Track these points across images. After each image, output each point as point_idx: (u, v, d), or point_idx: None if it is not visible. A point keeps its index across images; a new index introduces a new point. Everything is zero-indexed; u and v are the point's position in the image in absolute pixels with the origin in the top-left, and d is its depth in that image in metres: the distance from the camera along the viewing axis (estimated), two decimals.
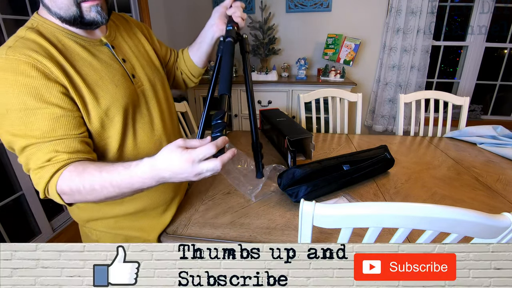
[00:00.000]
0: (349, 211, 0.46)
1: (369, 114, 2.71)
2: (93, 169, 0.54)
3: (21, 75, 0.51)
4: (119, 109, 0.64)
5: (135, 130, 0.69)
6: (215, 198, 0.90)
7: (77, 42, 0.61)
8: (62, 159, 0.54)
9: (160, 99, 0.77)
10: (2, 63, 0.52)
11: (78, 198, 0.55)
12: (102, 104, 0.61)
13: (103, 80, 0.62)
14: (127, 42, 0.73)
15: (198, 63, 0.89)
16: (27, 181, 1.46)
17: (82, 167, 0.54)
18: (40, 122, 0.53)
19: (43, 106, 0.53)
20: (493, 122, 2.50)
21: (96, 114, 0.60)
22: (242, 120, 2.49)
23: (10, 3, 1.44)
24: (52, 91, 0.54)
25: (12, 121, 0.52)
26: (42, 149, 0.53)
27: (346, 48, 2.33)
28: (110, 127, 0.64)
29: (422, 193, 0.93)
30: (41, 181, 0.54)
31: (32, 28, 0.58)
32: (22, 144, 0.53)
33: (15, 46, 0.53)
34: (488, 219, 0.43)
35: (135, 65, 0.71)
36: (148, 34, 0.83)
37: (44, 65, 0.53)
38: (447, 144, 1.38)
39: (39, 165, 0.54)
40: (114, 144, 0.65)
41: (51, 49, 0.56)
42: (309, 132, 1.14)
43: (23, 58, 0.52)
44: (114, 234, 0.75)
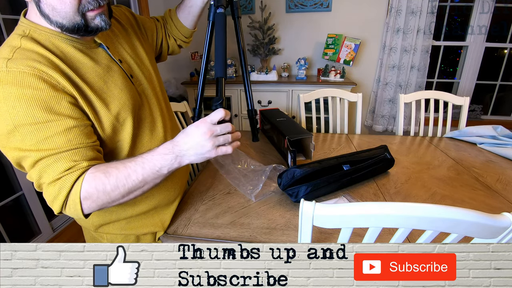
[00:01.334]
0: (349, 211, 0.46)
1: (369, 114, 2.71)
2: (115, 163, 0.56)
3: (28, 88, 0.49)
4: (128, 112, 0.64)
5: (141, 130, 0.70)
6: (215, 198, 0.90)
7: (74, 46, 0.59)
8: (82, 167, 0.53)
9: (159, 97, 0.78)
10: (4, 77, 0.49)
11: (103, 198, 0.54)
12: (112, 110, 0.61)
13: (107, 85, 0.62)
14: (119, 42, 0.72)
15: (190, 26, 0.91)
16: (27, 181, 1.46)
17: (104, 165, 0.56)
18: (53, 134, 0.51)
19: (54, 118, 0.51)
20: (493, 122, 2.50)
21: (108, 120, 0.60)
22: (242, 120, 2.49)
23: (10, 3, 1.44)
24: (62, 102, 0.52)
25: (22, 136, 0.50)
26: (60, 160, 0.52)
27: (346, 48, 2.33)
28: (122, 131, 0.64)
29: (422, 193, 0.93)
30: (62, 191, 0.52)
31: (26, 36, 0.54)
32: (34, 158, 0.51)
33: (15, 58, 0.51)
34: (488, 219, 0.43)
35: (131, 64, 0.71)
36: (136, 27, 0.80)
37: (51, 76, 0.52)
38: (447, 144, 1.38)
39: (56, 177, 0.52)
40: (125, 146, 0.66)
41: (53, 58, 0.54)
42: (309, 132, 1.14)
43: (28, 70, 0.50)
44: (125, 235, 0.76)
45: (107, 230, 0.74)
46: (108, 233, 0.75)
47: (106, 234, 0.75)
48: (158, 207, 0.77)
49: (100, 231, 0.74)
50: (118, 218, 0.72)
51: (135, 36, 0.77)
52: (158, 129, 0.75)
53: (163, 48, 0.92)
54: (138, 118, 0.68)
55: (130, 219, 0.74)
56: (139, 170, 0.55)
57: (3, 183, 1.39)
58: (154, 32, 0.88)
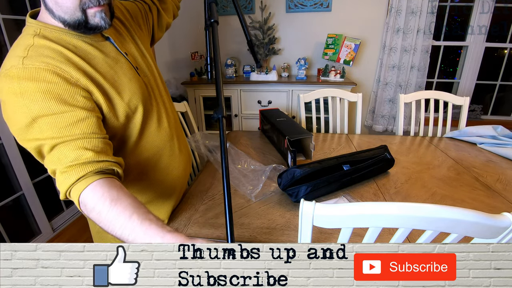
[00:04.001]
0: (349, 211, 0.46)
1: (369, 114, 2.71)
2: (126, 204, 0.51)
3: (43, 82, 0.52)
4: (138, 100, 0.67)
5: (149, 119, 0.73)
6: (215, 198, 0.90)
7: (84, 40, 0.62)
8: (89, 158, 0.54)
9: (161, 90, 0.80)
10: (21, 73, 0.52)
11: (93, 215, 0.53)
12: (125, 98, 0.64)
13: (118, 75, 0.65)
14: (123, 37, 0.73)
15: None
16: (27, 181, 1.46)
17: (117, 190, 0.52)
18: (68, 124, 0.54)
19: (68, 109, 0.54)
20: (493, 122, 2.50)
21: (121, 107, 0.64)
22: (242, 120, 2.49)
23: (10, 3, 1.44)
24: (75, 95, 0.55)
25: (40, 127, 0.53)
26: (70, 146, 0.54)
27: (346, 48, 2.33)
28: (133, 118, 0.68)
29: (422, 193, 0.93)
30: (66, 182, 0.53)
31: (38, 34, 0.57)
32: (50, 144, 0.54)
33: (30, 56, 0.54)
34: (488, 219, 0.43)
35: (136, 57, 0.73)
36: (132, 21, 0.80)
37: (64, 70, 0.55)
38: (447, 144, 1.38)
39: (67, 164, 0.53)
40: (135, 133, 0.69)
41: (66, 52, 0.57)
42: (309, 132, 1.14)
43: (42, 65, 0.53)
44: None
45: None
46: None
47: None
48: (158, 199, 0.80)
49: None
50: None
51: (133, 31, 0.79)
52: (163, 119, 0.77)
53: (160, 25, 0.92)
54: (146, 108, 0.71)
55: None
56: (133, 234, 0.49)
57: (3, 183, 1.39)
58: (148, 10, 0.87)
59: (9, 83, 0.52)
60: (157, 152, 0.76)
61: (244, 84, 2.39)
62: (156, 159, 0.77)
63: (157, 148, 0.76)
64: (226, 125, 2.58)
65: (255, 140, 1.42)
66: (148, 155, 0.74)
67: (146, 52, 0.79)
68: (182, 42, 2.71)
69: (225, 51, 2.68)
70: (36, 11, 0.62)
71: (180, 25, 2.65)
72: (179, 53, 2.75)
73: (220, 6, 2.55)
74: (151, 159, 0.75)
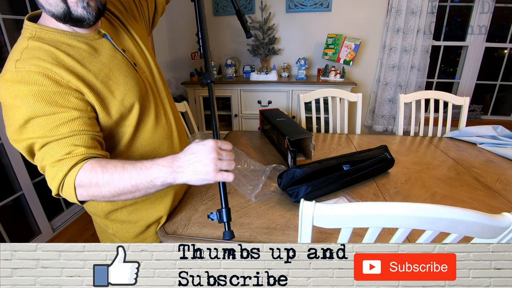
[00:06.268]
0: (349, 211, 0.46)
1: (369, 114, 2.71)
2: (116, 161, 0.57)
3: (34, 84, 0.54)
4: (134, 98, 0.67)
5: (146, 116, 0.73)
6: (215, 198, 0.90)
7: (80, 40, 0.62)
8: (80, 153, 0.56)
9: (159, 86, 0.80)
10: (13, 77, 0.54)
11: (93, 190, 0.56)
12: (117, 96, 0.64)
13: (113, 73, 0.65)
14: (120, 33, 0.73)
15: None
16: (27, 181, 1.46)
17: (105, 160, 0.58)
18: (59, 124, 0.55)
19: (60, 110, 0.56)
20: (493, 122, 2.50)
21: (115, 106, 0.64)
22: (242, 120, 2.49)
23: (10, 3, 1.44)
24: (66, 96, 0.57)
25: (33, 128, 0.55)
26: (61, 143, 0.55)
27: (346, 48, 2.33)
28: (129, 116, 0.68)
29: (422, 193, 0.93)
30: (59, 174, 0.55)
31: (33, 37, 0.59)
32: (41, 142, 0.55)
33: (22, 59, 0.55)
34: (488, 219, 0.43)
35: (133, 53, 0.74)
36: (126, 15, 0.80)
37: (55, 72, 0.56)
38: (447, 144, 1.38)
39: (57, 159, 0.55)
40: (129, 131, 0.69)
41: (58, 53, 0.58)
42: (309, 132, 1.14)
43: (33, 68, 0.54)
44: (133, 223, 0.78)
45: (115, 217, 0.77)
46: (116, 220, 0.78)
47: (112, 223, 0.78)
48: (155, 195, 0.79)
49: (109, 218, 0.77)
50: (125, 204, 0.76)
51: (128, 25, 0.78)
52: (161, 116, 0.77)
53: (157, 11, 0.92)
54: (142, 104, 0.71)
55: (136, 205, 0.77)
56: (134, 175, 0.56)
57: (3, 183, 1.39)
58: (148, 8, 0.87)
59: (5, 86, 0.54)
60: (155, 148, 0.76)
61: (244, 84, 2.39)
62: (153, 155, 0.76)
63: (155, 144, 0.76)
64: (227, 125, 2.59)
65: (255, 140, 1.42)
66: (146, 150, 0.74)
67: (144, 46, 0.78)
68: (182, 42, 2.71)
69: (225, 51, 2.68)
70: (35, 13, 0.63)
71: (180, 25, 2.65)
72: (179, 53, 2.76)
73: (220, 6, 2.55)
74: (149, 155, 0.75)
